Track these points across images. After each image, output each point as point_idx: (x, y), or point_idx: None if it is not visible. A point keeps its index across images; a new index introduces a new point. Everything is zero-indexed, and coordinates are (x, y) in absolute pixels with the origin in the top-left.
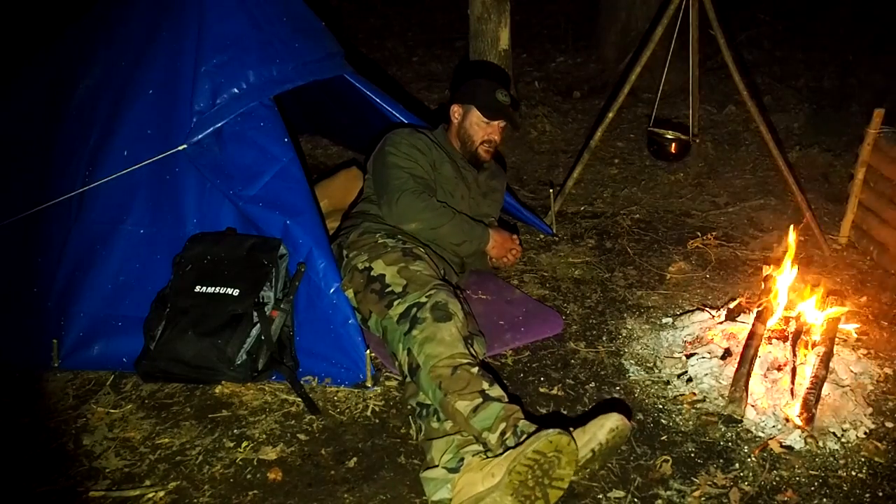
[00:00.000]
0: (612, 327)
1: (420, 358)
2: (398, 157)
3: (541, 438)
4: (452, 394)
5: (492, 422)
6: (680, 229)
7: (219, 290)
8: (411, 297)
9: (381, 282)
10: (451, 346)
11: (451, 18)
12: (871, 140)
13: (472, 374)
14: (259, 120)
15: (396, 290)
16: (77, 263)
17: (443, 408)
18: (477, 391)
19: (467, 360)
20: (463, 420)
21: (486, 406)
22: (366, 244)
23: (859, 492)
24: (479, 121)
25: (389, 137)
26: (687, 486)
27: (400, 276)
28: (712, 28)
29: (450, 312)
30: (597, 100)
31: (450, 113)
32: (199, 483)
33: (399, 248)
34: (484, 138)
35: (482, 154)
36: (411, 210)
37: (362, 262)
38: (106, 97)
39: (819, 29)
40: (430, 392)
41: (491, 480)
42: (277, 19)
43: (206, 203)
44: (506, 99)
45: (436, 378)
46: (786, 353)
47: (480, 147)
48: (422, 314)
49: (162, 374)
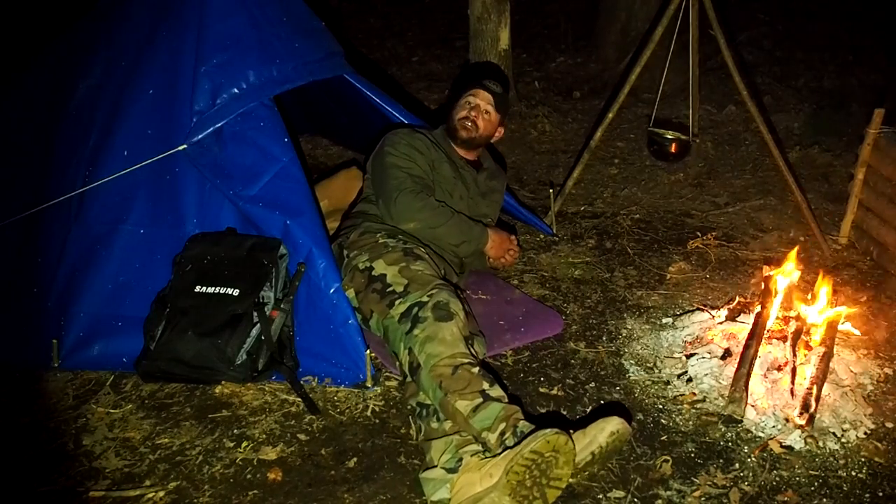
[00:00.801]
0: (612, 327)
1: (421, 357)
2: (397, 157)
3: (538, 438)
4: (453, 393)
5: (491, 422)
6: (680, 229)
7: (219, 290)
8: (413, 296)
9: (382, 281)
10: (452, 345)
11: (451, 18)
12: (871, 140)
13: (473, 373)
14: (259, 120)
15: (398, 289)
16: (77, 263)
17: (443, 407)
18: (477, 391)
19: (468, 359)
20: (463, 420)
21: (486, 406)
22: (366, 244)
23: (859, 492)
24: (461, 101)
25: (388, 137)
26: (687, 486)
27: (401, 276)
28: (712, 28)
29: (451, 312)
30: (597, 100)
31: (447, 114)
32: (199, 483)
33: (400, 248)
34: (462, 114)
35: (459, 129)
36: (409, 209)
37: (363, 262)
38: (106, 97)
39: (819, 29)
40: (430, 391)
41: (489, 480)
42: (277, 19)
43: (206, 203)
44: (496, 88)
45: (436, 377)
46: (786, 353)
47: (458, 122)
48: (423, 313)
49: (162, 374)
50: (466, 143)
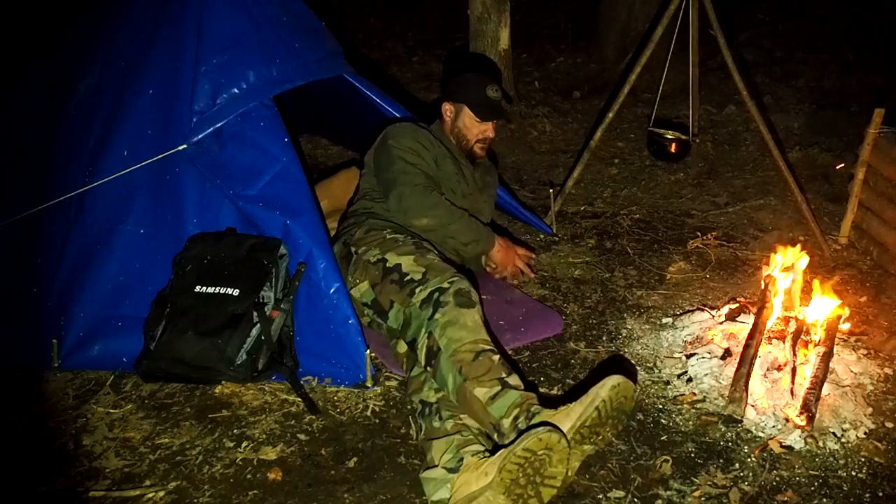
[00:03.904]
0: (612, 327)
1: (442, 341)
2: (403, 152)
3: (531, 437)
4: (472, 380)
5: (506, 409)
6: (680, 229)
7: (219, 290)
8: (433, 282)
9: (398, 271)
10: (474, 331)
11: (451, 18)
12: (871, 140)
13: (494, 361)
14: (259, 120)
15: (416, 277)
16: (77, 263)
17: (459, 393)
18: (496, 378)
19: (489, 346)
20: (480, 407)
21: (504, 394)
22: (374, 239)
23: (859, 492)
24: (471, 120)
25: (390, 131)
26: (687, 486)
27: (417, 264)
28: (712, 28)
29: (473, 300)
30: (597, 100)
31: (441, 110)
32: (199, 483)
33: (410, 242)
34: (478, 137)
35: (478, 152)
36: (422, 206)
37: (374, 255)
38: (106, 97)
39: (819, 29)
40: (448, 376)
41: (484, 479)
42: (277, 19)
43: (206, 203)
44: (496, 95)
45: (457, 362)
46: (786, 353)
47: (476, 145)
48: (445, 298)
49: (162, 374)
50: (479, 159)
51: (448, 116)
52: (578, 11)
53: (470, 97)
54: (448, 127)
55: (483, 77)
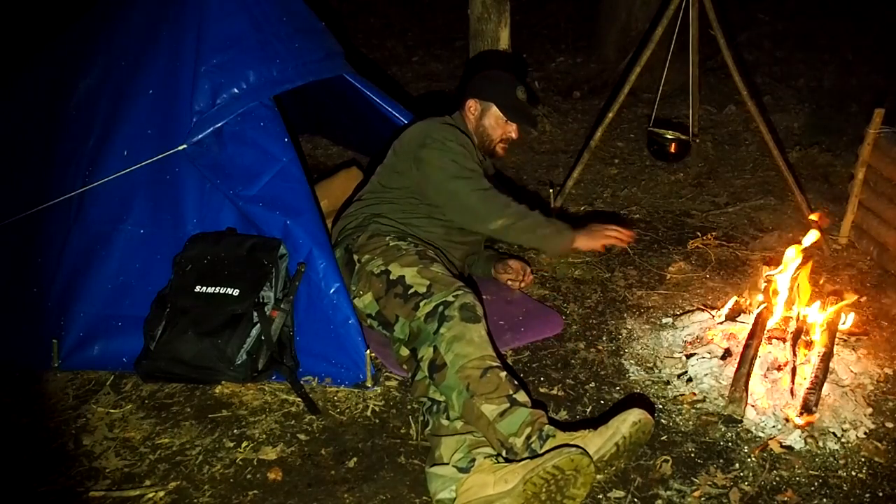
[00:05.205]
0: (612, 327)
1: (448, 356)
2: (458, 155)
3: (563, 455)
4: (479, 396)
5: (517, 427)
6: (680, 229)
7: (219, 290)
8: (437, 296)
9: (402, 284)
10: (480, 347)
11: (451, 18)
12: (871, 140)
13: (501, 378)
14: (259, 120)
15: (420, 290)
16: (77, 263)
17: (466, 409)
18: (504, 396)
19: (496, 363)
20: (487, 423)
21: (512, 411)
22: (377, 247)
23: (859, 492)
24: (498, 119)
25: (431, 134)
26: (687, 486)
27: (421, 277)
28: (712, 28)
29: (478, 315)
30: (597, 100)
31: (464, 107)
32: (199, 483)
33: (413, 252)
34: (503, 136)
35: (499, 151)
36: (497, 207)
37: (378, 266)
38: (106, 97)
39: (819, 29)
40: (454, 392)
41: (503, 486)
42: (277, 19)
43: (206, 203)
44: (525, 96)
45: (464, 378)
46: (786, 353)
47: (498, 145)
48: (450, 312)
49: (162, 374)
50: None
51: (472, 113)
52: (578, 11)
53: (499, 97)
54: (472, 124)
55: (513, 77)
